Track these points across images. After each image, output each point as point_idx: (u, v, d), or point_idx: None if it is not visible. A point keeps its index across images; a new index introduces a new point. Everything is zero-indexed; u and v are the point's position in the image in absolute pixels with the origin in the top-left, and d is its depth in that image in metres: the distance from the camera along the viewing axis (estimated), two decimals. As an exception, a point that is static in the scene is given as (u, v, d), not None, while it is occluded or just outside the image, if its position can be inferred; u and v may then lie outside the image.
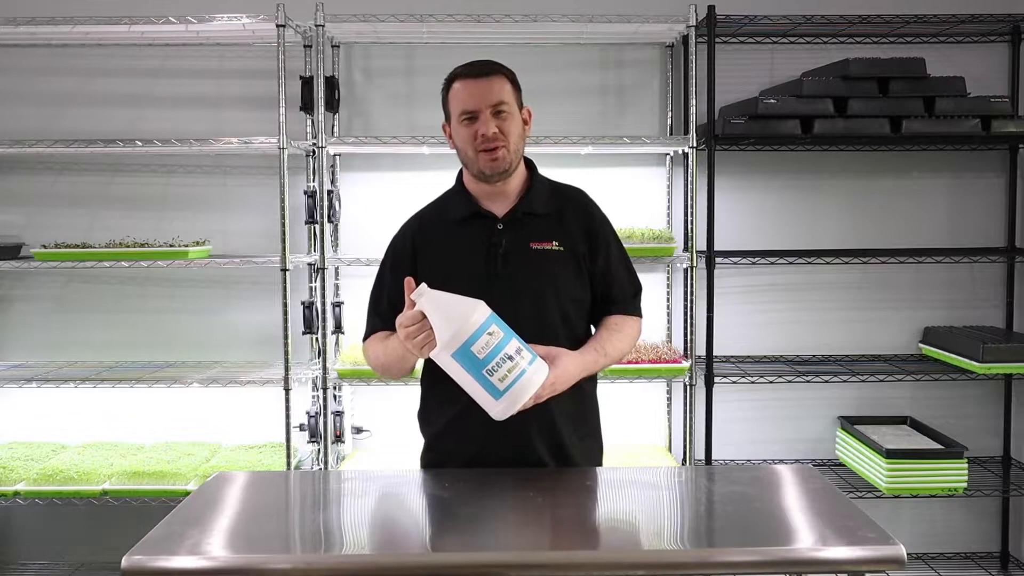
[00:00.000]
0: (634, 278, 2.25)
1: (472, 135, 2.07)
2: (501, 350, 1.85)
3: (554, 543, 1.76)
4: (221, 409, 3.54)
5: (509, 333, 1.89)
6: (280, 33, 3.12)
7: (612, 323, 2.18)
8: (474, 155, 2.08)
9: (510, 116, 2.08)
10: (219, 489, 1.97)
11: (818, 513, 1.82)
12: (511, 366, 1.85)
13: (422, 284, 1.91)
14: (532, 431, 2.07)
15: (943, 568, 3.57)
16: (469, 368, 1.86)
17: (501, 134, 2.06)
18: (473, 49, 3.39)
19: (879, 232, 3.59)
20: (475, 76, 2.09)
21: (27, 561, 3.62)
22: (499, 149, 2.06)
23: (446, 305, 1.88)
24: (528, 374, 1.87)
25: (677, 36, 3.42)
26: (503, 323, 1.89)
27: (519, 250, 2.10)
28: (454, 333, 1.85)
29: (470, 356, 1.85)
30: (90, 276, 3.56)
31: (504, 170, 2.09)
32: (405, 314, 1.91)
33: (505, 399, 1.87)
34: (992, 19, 3.28)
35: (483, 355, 1.84)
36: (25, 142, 3.26)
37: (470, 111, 2.07)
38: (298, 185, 3.44)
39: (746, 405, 3.59)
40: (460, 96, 2.08)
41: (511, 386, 1.86)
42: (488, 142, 2.05)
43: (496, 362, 1.85)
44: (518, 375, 1.86)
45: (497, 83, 2.08)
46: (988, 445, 3.63)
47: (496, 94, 2.07)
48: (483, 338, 1.85)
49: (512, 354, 1.86)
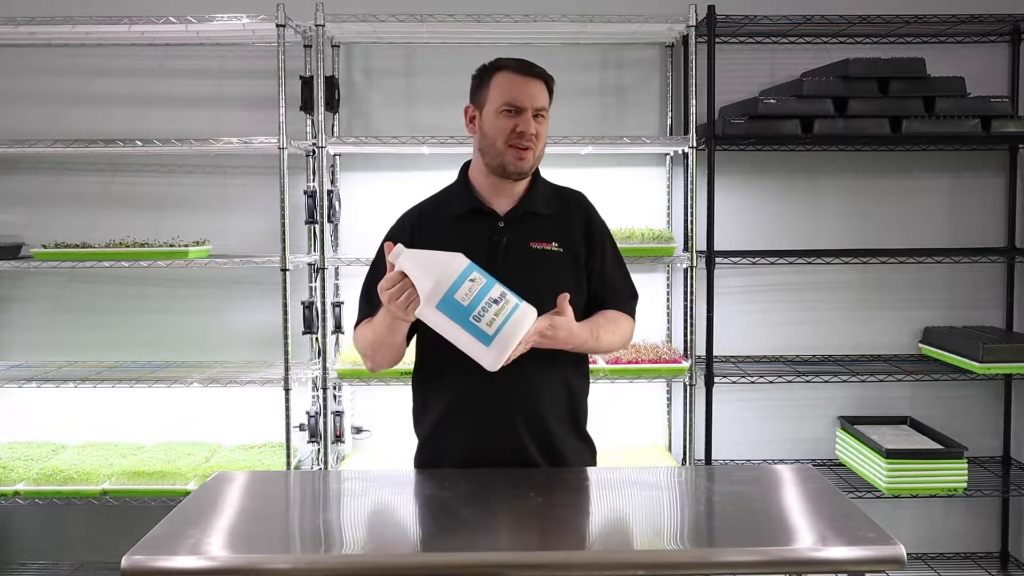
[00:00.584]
0: (630, 284, 2.25)
1: (510, 128, 2.07)
2: (485, 295, 1.84)
3: (554, 543, 1.76)
4: (221, 409, 3.54)
5: (491, 279, 1.87)
6: (280, 33, 3.12)
7: (608, 314, 2.17)
8: (503, 147, 2.08)
9: (545, 123, 2.12)
10: (219, 489, 1.97)
11: (818, 513, 1.82)
12: (497, 309, 1.84)
13: (399, 245, 1.90)
14: (522, 431, 2.07)
15: (943, 568, 3.57)
16: (455, 317, 1.85)
17: (535, 137, 2.08)
18: (473, 49, 3.39)
19: (879, 232, 3.59)
20: (527, 74, 2.10)
21: (27, 561, 3.62)
22: (530, 150, 2.08)
23: (425, 259, 1.88)
24: (516, 315, 1.86)
25: (677, 36, 3.42)
26: (484, 271, 1.88)
27: (519, 248, 2.11)
28: (435, 283, 1.84)
29: (454, 304, 1.83)
30: (90, 276, 3.56)
31: (525, 171, 2.11)
32: (386, 277, 1.91)
33: (496, 344, 1.85)
34: (992, 19, 3.28)
35: (467, 302, 1.83)
36: (25, 142, 3.26)
37: (516, 106, 2.07)
38: (298, 185, 3.44)
39: (746, 405, 3.59)
40: (507, 88, 2.08)
41: (500, 328, 1.84)
42: (525, 140, 2.07)
43: (482, 307, 1.83)
44: (506, 317, 1.84)
45: (544, 88, 2.11)
46: (988, 445, 3.63)
47: (543, 98, 2.10)
48: (465, 284, 1.84)
49: (497, 298, 1.85)
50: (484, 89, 2.12)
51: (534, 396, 2.08)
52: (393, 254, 1.88)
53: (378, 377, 3.19)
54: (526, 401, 2.07)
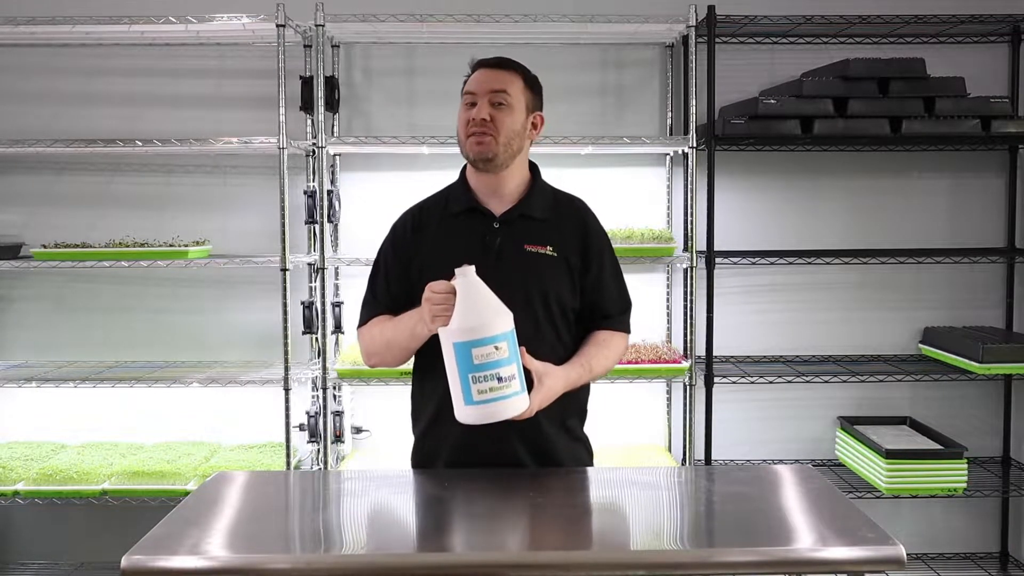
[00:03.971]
0: (625, 294, 2.25)
1: (468, 118, 2.09)
2: (496, 368, 1.87)
3: (554, 543, 1.76)
4: (221, 409, 3.54)
5: (514, 356, 1.90)
6: (280, 33, 3.12)
7: (599, 338, 2.18)
8: (464, 138, 2.11)
9: (508, 109, 2.09)
10: (219, 489, 1.97)
11: (818, 513, 1.82)
12: (495, 386, 1.87)
13: (471, 266, 1.91)
14: (513, 432, 2.05)
15: (943, 568, 3.57)
16: (460, 363, 1.88)
17: (492, 123, 2.07)
18: (473, 49, 3.37)
19: (879, 232, 3.59)
20: (487, 66, 2.13)
21: (27, 561, 3.62)
22: (486, 136, 2.07)
23: (480, 296, 1.90)
24: (506, 403, 1.89)
25: (677, 36, 3.42)
26: (516, 345, 1.90)
27: (513, 250, 2.11)
28: (469, 327, 1.86)
29: (467, 355, 1.86)
30: (90, 276, 3.56)
31: (488, 159, 2.09)
32: (440, 282, 1.93)
33: (474, 410, 1.89)
34: (992, 19, 3.28)
35: (478, 361, 1.86)
36: (25, 142, 3.26)
37: (471, 93, 2.10)
38: (298, 185, 3.44)
39: (746, 405, 3.58)
40: (469, 81, 2.13)
41: (484, 403, 1.88)
42: (476, 126, 2.07)
43: (485, 375, 1.87)
44: (496, 398, 1.88)
45: (505, 76, 2.11)
46: (988, 445, 3.63)
47: (498, 83, 2.09)
48: (488, 347, 1.86)
49: (503, 376, 1.87)
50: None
51: None
52: (461, 270, 1.90)
53: (378, 377, 3.19)
54: None
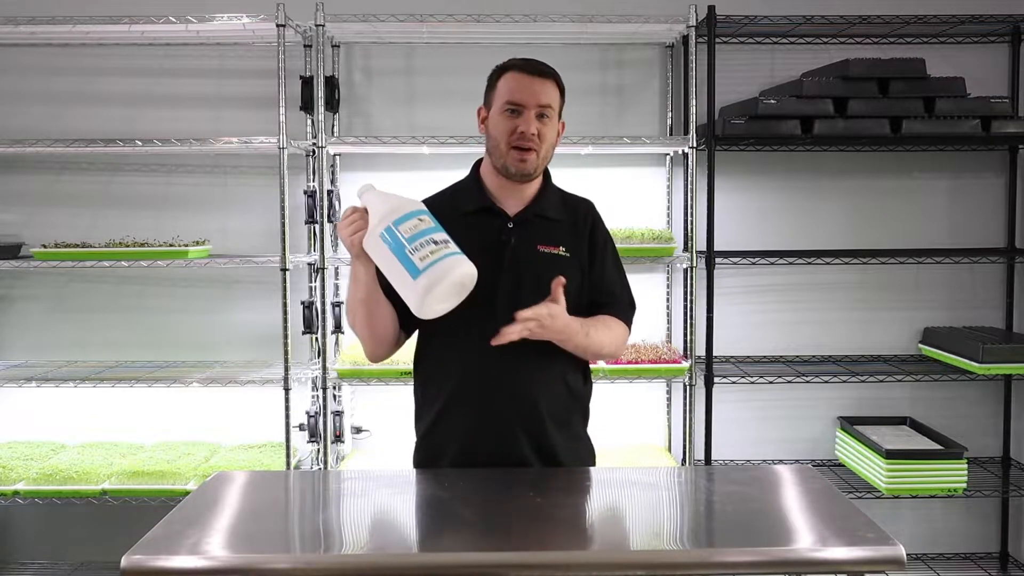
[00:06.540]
0: (628, 292, 2.24)
1: (511, 129, 2.07)
2: (428, 234, 1.87)
3: (554, 543, 1.76)
4: (221, 409, 3.54)
5: (440, 227, 1.91)
6: (280, 33, 3.12)
7: (602, 317, 2.16)
8: (506, 149, 2.08)
9: (550, 123, 2.10)
10: (219, 489, 1.97)
11: (818, 513, 1.82)
12: (434, 249, 1.86)
13: (370, 182, 1.94)
14: (518, 430, 2.06)
15: (943, 568, 3.57)
16: (393, 248, 1.87)
17: (538, 137, 2.07)
18: (473, 49, 3.39)
19: (879, 232, 3.59)
20: (531, 73, 2.09)
21: (27, 561, 3.62)
22: (531, 151, 2.07)
23: (387, 193, 1.93)
24: (451, 260, 1.87)
25: (677, 36, 3.42)
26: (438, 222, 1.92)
27: (527, 250, 2.10)
28: (386, 212, 1.88)
29: (395, 236, 1.86)
30: (90, 276, 3.56)
31: (529, 173, 2.10)
32: (345, 210, 1.96)
33: (423, 279, 1.85)
34: (992, 19, 3.28)
35: (409, 235, 1.86)
36: (25, 142, 3.26)
37: (517, 104, 2.07)
38: (298, 185, 3.44)
39: (746, 405, 3.59)
40: (511, 87, 2.08)
41: (430, 266, 1.85)
42: (525, 140, 2.06)
43: (420, 243, 1.86)
44: (440, 257, 1.86)
45: (550, 87, 2.10)
46: (988, 445, 3.63)
47: (547, 96, 2.08)
48: (412, 220, 1.87)
49: (438, 240, 1.88)
50: (492, 91, 2.13)
51: (531, 394, 2.07)
52: (361, 189, 1.93)
53: (378, 377, 3.19)
54: (523, 399, 2.07)
